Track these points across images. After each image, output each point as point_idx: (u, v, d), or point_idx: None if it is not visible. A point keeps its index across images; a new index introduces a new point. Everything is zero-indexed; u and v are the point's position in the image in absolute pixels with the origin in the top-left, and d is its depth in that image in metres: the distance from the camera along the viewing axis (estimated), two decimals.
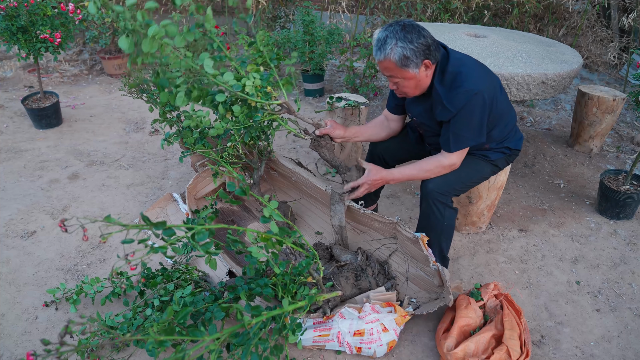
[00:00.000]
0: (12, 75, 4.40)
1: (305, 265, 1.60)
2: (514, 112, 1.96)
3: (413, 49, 1.60)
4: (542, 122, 3.76)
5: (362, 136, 2.07)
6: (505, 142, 1.94)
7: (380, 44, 1.64)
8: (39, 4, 2.85)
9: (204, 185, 2.50)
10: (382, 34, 1.64)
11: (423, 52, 1.62)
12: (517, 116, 3.81)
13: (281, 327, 1.44)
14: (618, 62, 4.48)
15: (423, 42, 1.61)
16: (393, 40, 1.60)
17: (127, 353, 1.72)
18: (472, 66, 1.71)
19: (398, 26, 1.62)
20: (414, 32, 1.60)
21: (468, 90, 1.66)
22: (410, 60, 1.62)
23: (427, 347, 1.79)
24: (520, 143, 2.00)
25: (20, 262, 2.15)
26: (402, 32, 1.60)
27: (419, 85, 1.72)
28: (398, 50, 1.60)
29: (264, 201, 1.36)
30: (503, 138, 1.92)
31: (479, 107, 1.69)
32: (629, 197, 2.44)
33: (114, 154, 3.13)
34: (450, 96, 1.69)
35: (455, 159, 1.80)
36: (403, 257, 2.01)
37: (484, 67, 1.79)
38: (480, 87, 1.67)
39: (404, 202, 2.67)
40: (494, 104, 1.77)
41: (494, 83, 1.80)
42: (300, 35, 3.88)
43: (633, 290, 2.10)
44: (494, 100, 1.76)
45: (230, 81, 1.55)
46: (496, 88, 1.80)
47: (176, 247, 1.22)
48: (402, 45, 1.60)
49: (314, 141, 1.93)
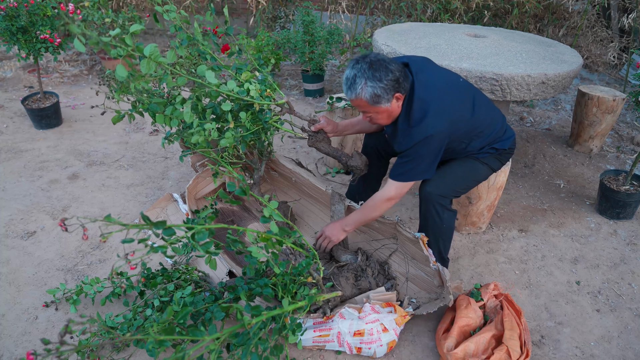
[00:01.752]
0: (12, 75, 4.40)
1: (305, 265, 1.60)
2: (498, 118, 1.91)
3: (383, 87, 1.60)
4: (542, 122, 3.76)
5: (353, 129, 2.08)
6: (487, 146, 1.91)
7: (349, 83, 1.64)
8: (39, 4, 2.85)
9: (204, 186, 2.50)
10: (350, 73, 1.63)
11: (393, 88, 1.62)
12: (517, 116, 3.82)
13: (281, 327, 1.44)
14: (618, 62, 4.48)
15: (392, 78, 1.61)
16: (362, 79, 1.60)
17: (127, 353, 1.72)
18: (433, 102, 1.68)
19: (365, 64, 1.61)
20: (382, 70, 1.60)
21: (422, 131, 1.66)
22: (381, 97, 1.62)
23: (427, 347, 1.79)
24: (507, 143, 1.94)
25: (20, 262, 2.15)
26: (370, 70, 1.59)
27: (391, 115, 1.73)
28: (368, 90, 1.61)
29: (264, 201, 1.36)
30: (485, 145, 1.89)
31: (430, 149, 1.70)
32: (629, 197, 2.44)
33: (114, 154, 3.13)
34: (405, 131, 1.70)
35: (393, 193, 1.79)
36: (403, 257, 2.01)
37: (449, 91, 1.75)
38: (433, 130, 1.66)
39: (404, 202, 2.67)
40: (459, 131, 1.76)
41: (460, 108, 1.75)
42: (300, 36, 3.88)
43: (633, 291, 2.10)
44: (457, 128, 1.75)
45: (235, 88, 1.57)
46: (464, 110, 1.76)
47: (176, 247, 1.22)
48: (372, 84, 1.60)
49: (311, 137, 1.94)
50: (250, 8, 4.96)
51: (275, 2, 5.01)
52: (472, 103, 1.80)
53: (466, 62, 2.30)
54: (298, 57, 3.95)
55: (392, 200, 1.81)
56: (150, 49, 1.36)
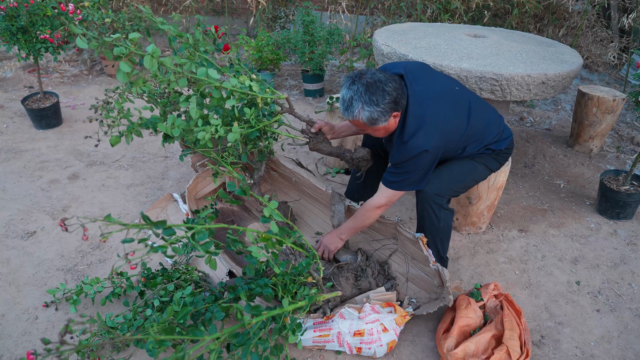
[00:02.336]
0: (12, 75, 4.40)
1: (305, 265, 1.60)
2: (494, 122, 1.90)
3: (380, 110, 1.60)
4: (542, 122, 3.76)
5: (351, 130, 2.07)
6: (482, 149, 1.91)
7: (346, 105, 1.63)
8: (39, 4, 2.85)
9: (204, 186, 2.50)
10: (347, 94, 1.62)
11: (390, 109, 1.62)
12: (517, 116, 3.82)
13: (281, 327, 1.44)
14: (618, 62, 4.49)
15: (389, 100, 1.60)
16: (359, 103, 1.60)
17: (127, 353, 1.72)
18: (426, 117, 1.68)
19: (362, 86, 1.59)
20: (379, 92, 1.58)
21: (415, 146, 1.66)
22: (378, 120, 1.63)
23: (427, 347, 1.79)
24: (504, 144, 1.94)
25: (20, 262, 2.15)
26: (366, 94, 1.58)
27: (388, 130, 1.74)
28: (366, 114, 1.61)
29: (264, 201, 1.36)
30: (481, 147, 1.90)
31: (422, 163, 1.71)
32: (629, 198, 2.44)
33: (114, 154, 3.13)
34: (400, 145, 1.70)
35: (384, 201, 1.80)
36: (403, 257, 2.01)
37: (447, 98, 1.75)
38: (429, 146, 1.66)
39: (404, 202, 2.67)
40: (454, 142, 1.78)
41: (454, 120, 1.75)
42: (300, 36, 3.89)
43: (633, 291, 2.10)
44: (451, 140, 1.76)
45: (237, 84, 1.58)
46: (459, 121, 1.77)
47: (176, 247, 1.22)
48: (370, 109, 1.59)
49: (312, 139, 1.94)
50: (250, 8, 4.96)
51: (275, 2, 5.01)
52: (467, 111, 1.81)
53: (466, 62, 2.30)
54: (298, 57, 3.96)
55: (383, 208, 1.83)
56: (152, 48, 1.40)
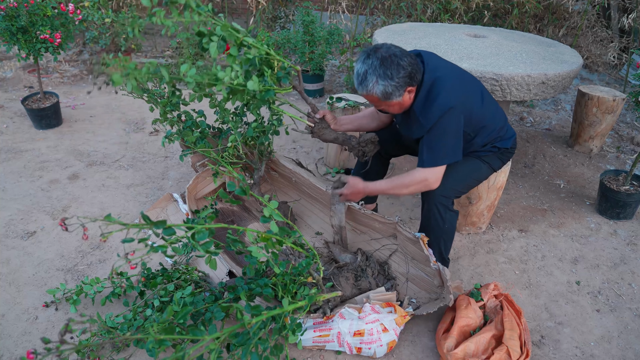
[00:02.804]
0: (12, 75, 4.40)
1: (305, 265, 1.60)
2: (501, 113, 1.92)
3: (394, 85, 1.59)
4: (542, 122, 3.76)
5: (352, 124, 2.07)
6: (490, 143, 1.91)
7: (360, 79, 1.62)
8: (39, 4, 2.85)
9: (204, 186, 2.50)
10: (361, 69, 1.61)
11: (405, 83, 1.61)
12: (517, 116, 3.82)
13: (281, 327, 1.44)
14: (618, 63, 4.49)
15: (404, 75, 1.59)
16: (373, 77, 1.59)
17: (127, 353, 1.72)
18: (446, 80, 1.68)
19: (376, 60, 1.58)
20: (393, 66, 1.57)
21: (441, 105, 1.64)
22: (392, 94, 1.62)
23: (427, 347, 1.79)
24: (509, 142, 1.95)
25: (20, 262, 2.15)
26: (381, 67, 1.57)
27: (403, 106, 1.72)
28: (380, 88, 1.60)
29: (264, 201, 1.36)
30: (488, 142, 1.90)
31: (453, 124, 1.68)
32: (629, 198, 2.44)
33: (114, 154, 3.13)
34: (424, 111, 1.68)
35: (429, 175, 1.74)
36: (403, 257, 2.01)
37: (460, 76, 1.76)
38: (453, 102, 1.65)
39: (404, 202, 2.67)
40: (472, 115, 1.76)
41: (472, 92, 1.77)
42: (300, 36, 3.89)
43: (633, 291, 2.10)
44: (472, 111, 1.75)
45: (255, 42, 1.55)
46: (475, 97, 1.78)
47: (176, 247, 1.22)
48: (384, 83, 1.58)
49: (316, 125, 1.94)
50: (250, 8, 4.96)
51: (275, 2, 5.01)
52: (481, 93, 1.82)
53: (466, 62, 2.30)
54: (298, 57, 3.95)
55: (428, 183, 1.75)
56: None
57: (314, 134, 1.97)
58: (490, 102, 1.87)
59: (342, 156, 2.88)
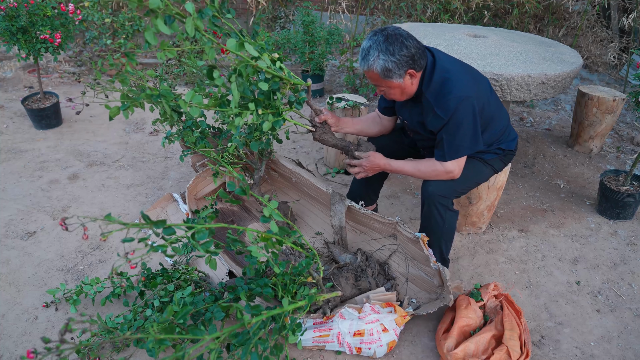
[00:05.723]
0: (12, 75, 4.40)
1: (305, 265, 1.60)
2: (505, 113, 1.94)
3: (395, 61, 1.60)
4: (542, 122, 3.76)
5: (354, 128, 2.07)
6: (496, 144, 1.93)
7: (364, 54, 1.64)
8: (39, 4, 2.85)
9: (204, 186, 2.50)
10: (367, 44, 1.63)
11: (406, 63, 1.61)
12: (517, 116, 3.82)
13: (281, 327, 1.44)
14: (618, 63, 4.49)
15: (406, 54, 1.60)
16: (375, 51, 1.60)
17: (127, 353, 1.72)
18: (458, 72, 1.70)
19: (382, 36, 1.60)
20: (397, 44, 1.59)
21: (457, 96, 1.65)
22: (392, 72, 1.62)
23: (427, 347, 1.79)
24: (513, 144, 1.98)
25: (20, 262, 2.15)
26: (384, 43, 1.59)
27: (404, 92, 1.72)
28: (380, 63, 1.60)
29: (264, 201, 1.36)
30: (494, 140, 1.91)
31: (469, 114, 1.69)
32: (629, 198, 2.44)
33: (114, 154, 3.13)
34: (440, 103, 1.68)
35: (451, 167, 1.77)
36: (403, 257, 2.01)
37: (471, 71, 1.78)
38: (469, 93, 1.66)
39: (404, 202, 2.67)
40: (484, 107, 1.77)
41: (483, 87, 1.79)
42: (300, 36, 3.88)
43: (633, 291, 2.10)
44: (483, 103, 1.76)
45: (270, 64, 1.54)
46: (485, 91, 1.80)
47: (176, 247, 1.22)
48: (384, 58, 1.59)
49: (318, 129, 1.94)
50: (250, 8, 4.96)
51: (275, 2, 5.01)
52: (490, 89, 1.84)
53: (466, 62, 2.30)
54: (298, 57, 3.95)
55: (451, 175, 1.79)
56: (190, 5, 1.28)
57: (316, 139, 1.97)
58: (496, 99, 1.89)
59: (342, 156, 2.88)
